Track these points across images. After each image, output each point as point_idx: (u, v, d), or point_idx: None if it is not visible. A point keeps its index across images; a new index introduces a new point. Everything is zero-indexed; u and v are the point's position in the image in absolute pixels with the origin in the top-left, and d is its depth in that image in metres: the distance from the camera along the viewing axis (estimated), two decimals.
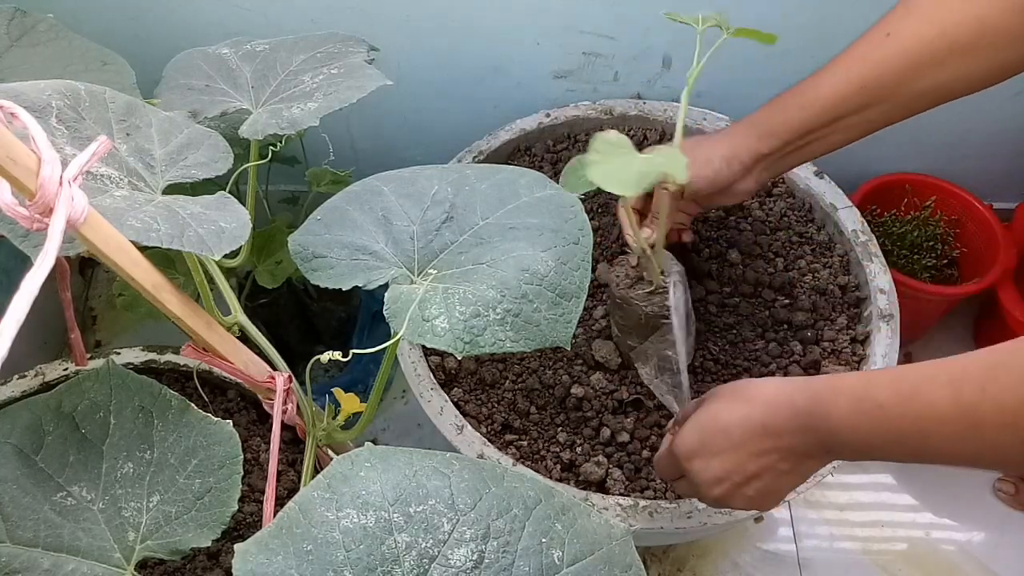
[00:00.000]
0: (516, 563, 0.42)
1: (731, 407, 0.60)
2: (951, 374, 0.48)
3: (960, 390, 0.47)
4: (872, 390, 0.52)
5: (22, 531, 0.52)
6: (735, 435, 0.58)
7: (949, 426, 0.47)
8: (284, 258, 0.94)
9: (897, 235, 1.17)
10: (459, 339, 0.50)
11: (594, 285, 0.91)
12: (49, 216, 0.35)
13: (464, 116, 1.11)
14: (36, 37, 0.70)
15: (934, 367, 0.50)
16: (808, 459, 0.58)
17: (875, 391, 0.51)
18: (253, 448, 0.78)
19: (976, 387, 0.46)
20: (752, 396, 0.59)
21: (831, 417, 0.53)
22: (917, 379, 0.50)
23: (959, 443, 0.48)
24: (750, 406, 0.58)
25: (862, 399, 0.52)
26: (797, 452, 0.57)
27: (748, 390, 0.60)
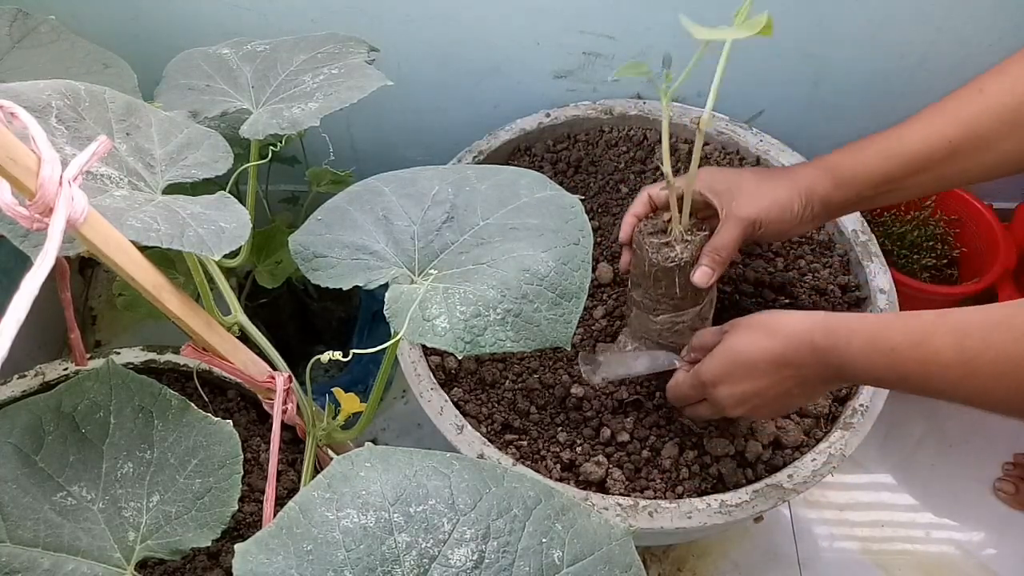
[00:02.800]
0: (516, 563, 0.42)
1: (755, 339, 0.66)
2: (957, 325, 0.54)
3: (964, 340, 0.53)
4: (885, 333, 0.58)
5: (22, 531, 0.52)
6: (760, 366, 0.65)
7: (951, 371, 0.53)
8: (284, 258, 0.94)
9: (897, 235, 1.17)
10: (460, 339, 0.50)
11: (594, 285, 0.91)
12: (49, 216, 0.35)
13: (464, 116, 1.11)
14: (38, 39, 0.70)
15: (942, 317, 0.55)
16: (821, 384, 0.66)
17: (888, 334, 0.57)
18: (253, 448, 0.78)
19: (979, 339, 0.52)
20: (775, 330, 0.65)
21: (846, 354, 0.60)
22: (926, 326, 0.55)
23: (958, 387, 0.54)
24: (773, 340, 0.65)
25: (875, 340, 0.58)
26: (812, 379, 0.64)
27: (771, 323, 0.66)
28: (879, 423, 0.78)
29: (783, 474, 0.74)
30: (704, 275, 0.73)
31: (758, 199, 0.73)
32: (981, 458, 1.13)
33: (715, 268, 0.73)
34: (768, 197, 0.73)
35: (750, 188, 0.74)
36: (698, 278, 0.73)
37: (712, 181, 0.76)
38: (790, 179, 0.74)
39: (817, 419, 0.80)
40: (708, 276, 0.73)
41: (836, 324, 0.61)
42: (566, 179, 1.01)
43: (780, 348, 0.64)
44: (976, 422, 1.17)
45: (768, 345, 0.65)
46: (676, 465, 0.78)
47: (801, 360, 0.63)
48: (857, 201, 0.74)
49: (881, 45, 0.98)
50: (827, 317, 0.63)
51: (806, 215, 0.74)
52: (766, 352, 0.65)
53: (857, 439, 0.76)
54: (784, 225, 0.74)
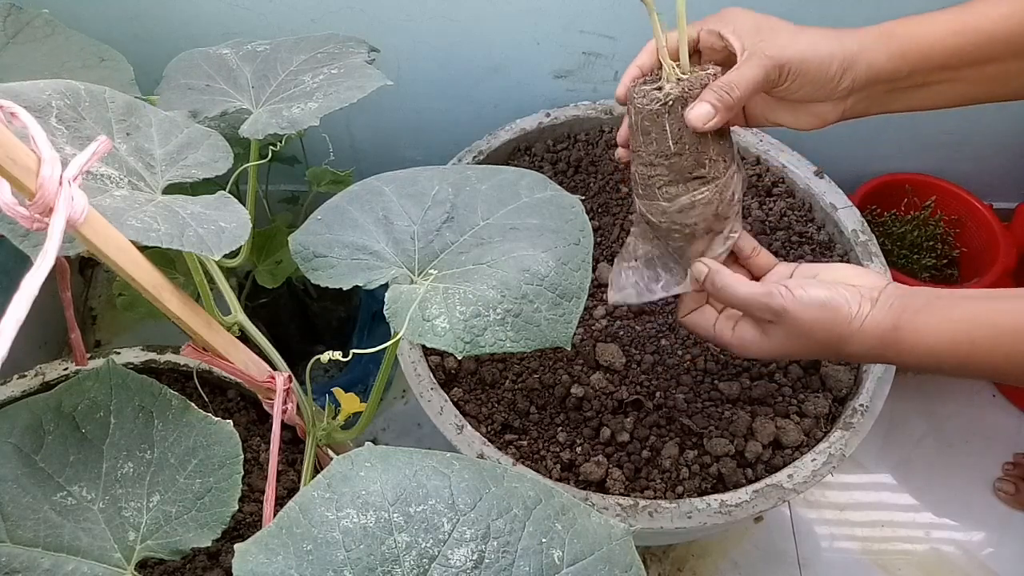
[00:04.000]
0: (516, 563, 0.42)
1: (815, 351, 0.61)
2: None
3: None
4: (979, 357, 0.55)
5: (22, 531, 0.52)
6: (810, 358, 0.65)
7: None
8: (284, 258, 0.94)
9: (897, 235, 1.17)
10: (459, 339, 0.50)
11: (594, 285, 0.91)
12: (49, 216, 0.35)
13: (464, 116, 1.11)
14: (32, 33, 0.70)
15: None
16: None
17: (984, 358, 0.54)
18: (253, 448, 0.78)
19: None
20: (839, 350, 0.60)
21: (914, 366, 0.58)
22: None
23: None
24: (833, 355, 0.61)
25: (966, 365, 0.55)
26: None
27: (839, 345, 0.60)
28: (879, 423, 0.78)
29: (783, 474, 0.74)
30: (702, 113, 0.58)
31: (793, 43, 0.60)
32: (981, 458, 1.13)
33: (719, 107, 0.58)
34: (805, 43, 0.60)
35: (785, 31, 0.61)
36: (693, 116, 0.58)
37: (738, 21, 0.63)
38: (836, 35, 0.62)
39: (817, 419, 0.80)
40: (707, 114, 0.58)
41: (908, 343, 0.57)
42: (566, 179, 1.01)
43: (837, 358, 0.62)
44: (976, 422, 1.17)
45: (825, 356, 0.62)
46: (676, 465, 0.78)
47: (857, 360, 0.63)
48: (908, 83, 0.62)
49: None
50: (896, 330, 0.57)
51: (844, 83, 0.61)
52: (820, 357, 0.64)
53: (857, 439, 0.76)
54: (815, 85, 0.61)
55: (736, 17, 0.63)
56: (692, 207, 0.63)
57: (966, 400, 1.20)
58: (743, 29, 0.62)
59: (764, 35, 0.61)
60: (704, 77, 0.60)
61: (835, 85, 0.61)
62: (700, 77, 0.60)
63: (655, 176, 0.62)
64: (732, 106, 0.58)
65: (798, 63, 0.60)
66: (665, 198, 0.63)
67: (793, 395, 0.82)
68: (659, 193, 0.63)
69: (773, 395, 0.82)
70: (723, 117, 0.59)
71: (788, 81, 0.61)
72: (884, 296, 0.59)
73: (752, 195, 0.99)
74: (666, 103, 0.59)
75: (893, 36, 0.61)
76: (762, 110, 0.67)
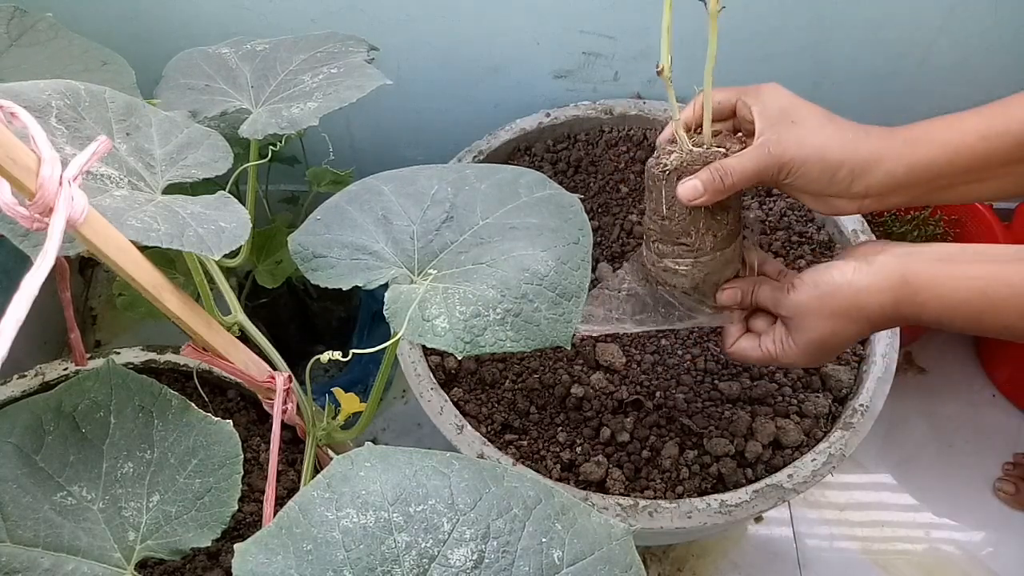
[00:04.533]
0: (516, 563, 0.42)
1: (840, 328, 0.61)
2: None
3: None
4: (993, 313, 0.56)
5: (22, 531, 0.52)
6: (845, 342, 0.63)
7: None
8: (284, 258, 0.94)
9: (897, 235, 1.17)
10: (459, 339, 0.50)
11: (594, 285, 0.91)
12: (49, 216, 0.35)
13: (464, 116, 1.11)
14: (35, 36, 0.70)
15: None
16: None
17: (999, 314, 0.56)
18: (253, 448, 0.78)
19: None
20: (858, 316, 0.60)
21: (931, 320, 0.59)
22: None
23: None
24: (859, 325, 0.61)
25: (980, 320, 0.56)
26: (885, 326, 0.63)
27: (852, 310, 0.60)
28: (879, 423, 0.78)
29: (783, 474, 0.74)
30: (691, 189, 0.60)
31: (804, 144, 0.60)
32: (981, 458, 1.13)
33: (708, 188, 0.60)
34: (817, 147, 0.60)
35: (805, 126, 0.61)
36: (681, 190, 0.61)
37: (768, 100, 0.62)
38: (855, 139, 0.60)
39: (817, 419, 0.80)
40: (695, 191, 0.60)
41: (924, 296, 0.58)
42: (566, 179, 1.01)
43: (868, 328, 0.61)
44: (976, 422, 1.17)
45: (855, 331, 0.61)
46: (676, 465, 0.78)
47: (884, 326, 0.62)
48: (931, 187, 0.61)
49: (881, 45, 0.98)
50: (914, 290, 0.58)
51: (856, 187, 0.61)
52: (852, 335, 0.61)
53: (857, 439, 0.76)
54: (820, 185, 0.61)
55: (769, 96, 0.63)
56: (674, 272, 0.66)
57: (966, 400, 1.20)
58: (770, 111, 0.62)
59: (783, 127, 0.61)
60: (713, 154, 0.61)
61: (844, 188, 0.61)
62: (708, 154, 0.61)
63: (651, 230, 0.67)
64: (721, 190, 0.60)
65: (799, 165, 0.60)
66: (655, 252, 0.67)
67: (793, 395, 0.82)
68: (652, 247, 0.67)
69: (773, 395, 0.82)
70: (711, 198, 0.60)
71: (789, 179, 0.62)
72: (884, 254, 0.60)
73: (752, 195, 0.99)
74: (664, 171, 0.62)
75: (918, 143, 0.60)
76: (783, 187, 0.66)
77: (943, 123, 0.61)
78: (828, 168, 0.60)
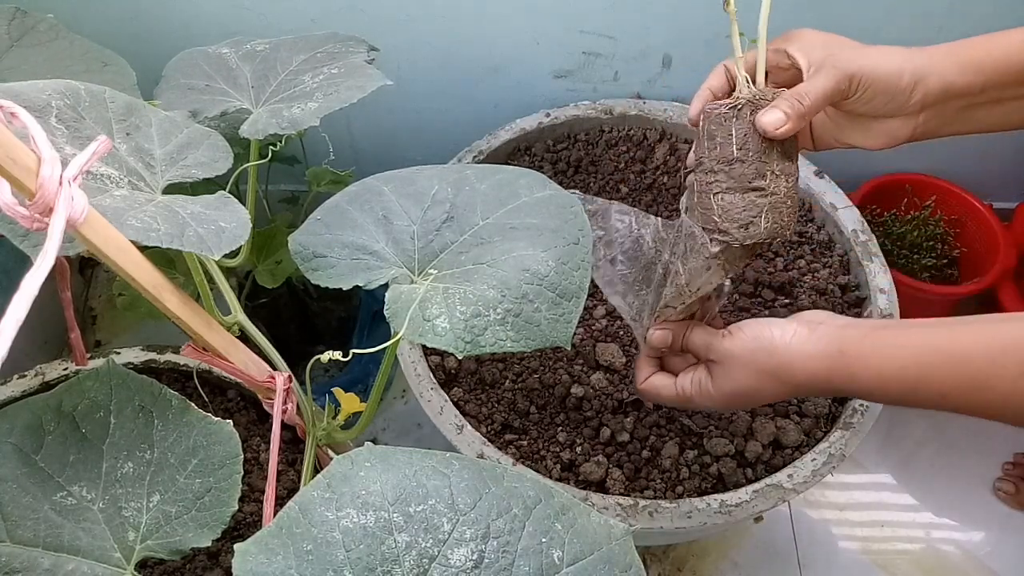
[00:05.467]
0: (516, 563, 0.42)
1: (762, 384, 0.61)
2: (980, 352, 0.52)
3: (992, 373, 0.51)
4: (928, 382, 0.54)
5: (22, 531, 0.52)
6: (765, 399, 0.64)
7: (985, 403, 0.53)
8: (284, 258, 0.94)
9: (897, 235, 1.17)
10: (460, 339, 0.50)
11: (594, 285, 0.91)
12: (49, 216, 0.35)
13: (464, 116, 1.11)
14: (37, 37, 0.71)
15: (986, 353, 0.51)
16: None
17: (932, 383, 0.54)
18: (253, 448, 0.78)
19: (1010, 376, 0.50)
20: (787, 378, 0.60)
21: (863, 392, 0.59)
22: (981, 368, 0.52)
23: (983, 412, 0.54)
24: (784, 388, 0.61)
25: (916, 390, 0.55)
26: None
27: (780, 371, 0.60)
28: (879, 423, 0.78)
29: (783, 474, 0.74)
30: (774, 119, 0.58)
31: (862, 56, 0.60)
32: (981, 458, 1.13)
33: (791, 114, 0.58)
34: (876, 56, 0.60)
35: (853, 46, 0.62)
36: (765, 120, 0.58)
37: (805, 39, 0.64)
38: (905, 50, 0.62)
39: (817, 419, 0.80)
40: (779, 120, 0.58)
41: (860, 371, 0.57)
42: (566, 179, 1.01)
43: (790, 392, 0.61)
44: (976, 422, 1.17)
45: (779, 390, 0.61)
46: (676, 465, 0.78)
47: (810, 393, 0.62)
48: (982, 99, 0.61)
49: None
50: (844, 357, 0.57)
51: (916, 96, 0.60)
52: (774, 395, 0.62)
53: (857, 439, 0.76)
54: (886, 96, 0.60)
55: (803, 36, 0.64)
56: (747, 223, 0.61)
57: None
58: (811, 46, 0.62)
59: (833, 50, 0.61)
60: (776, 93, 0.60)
61: (906, 98, 0.61)
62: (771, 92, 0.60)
63: (714, 182, 0.61)
64: (804, 114, 0.58)
65: (869, 73, 0.60)
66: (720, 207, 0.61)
67: None
68: (714, 199, 0.61)
69: None
70: (795, 125, 0.58)
71: (859, 92, 0.60)
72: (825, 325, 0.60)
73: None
74: (736, 106, 0.59)
75: (965, 50, 0.61)
76: (832, 131, 0.67)
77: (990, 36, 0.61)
78: (893, 74, 0.60)
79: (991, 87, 0.61)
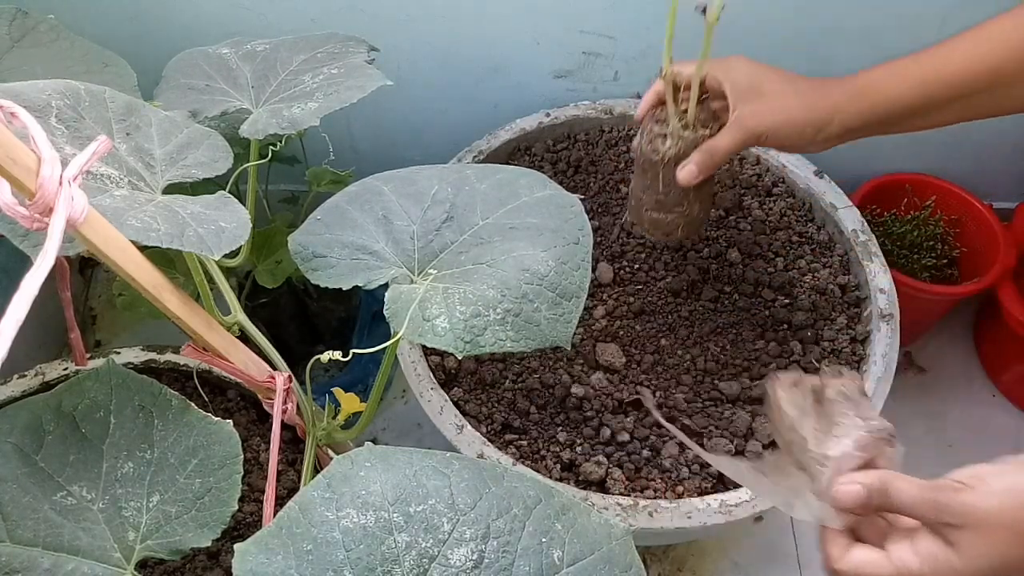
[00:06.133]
0: (516, 563, 0.42)
1: None
2: None
3: None
4: None
5: (22, 530, 0.52)
6: None
7: None
8: (284, 258, 0.94)
9: (897, 235, 1.17)
10: (460, 339, 0.50)
11: (594, 285, 0.91)
12: (49, 216, 0.35)
13: (464, 116, 1.11)
14: (37, 38, 0.71)
15: None
16: None
17: None
18: (253, 448, 0.78)
19: None
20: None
21: None
22: None
23: None
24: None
25: None
26: None
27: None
28: None
29: None
30: (689, 173, 0.72)
31: (773, 113, 0.69)
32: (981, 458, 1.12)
33: (703, 169, 0.72)
34: (784, 113, 0.69)
35: (770, 96, 0.70)
36: (683, 176, 0.72)
37: (736, 75, 0.71)
38: (814, 99, 0.69)
39: None
40: (693, 175, 0.72)
41: None
42: (566, 179, 1.01)
43: None
44: (976, 422, 1.17)
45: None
46: (676, 465, 0.78)
47: None
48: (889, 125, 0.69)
49: (881, 45, 0.98)
50: None
51: (819, 138, 0.70)
52: None
53: None
54: (791, 144, 0.72)
55: (736, 72, 0.72)
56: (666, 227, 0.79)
57: (966, 400, 1.19)
58: (739, 86, 0.71)
59: (753, 100, 0.70)
60: (700, 138, 0.72)
61: (810, 140, 0.71)
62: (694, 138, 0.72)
63: (644, 201, 0.79)
64: (713, 167, 0.72)
65: (773, 132, 0.70)
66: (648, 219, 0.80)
67: None
68: (645, 214, 0.80)
69: None
70: (705, 175, 0.72)
71: (768, 141, 0.71)
72: None
73: (752, 195, 0.99)
74: (662, 158, 0.73)
75: (865, 94, 0.68)
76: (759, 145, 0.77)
77: (886, 72, 0.68)
78: (796, 129, 0.69)
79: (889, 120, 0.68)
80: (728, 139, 0.71)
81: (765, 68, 0.72)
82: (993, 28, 0.64)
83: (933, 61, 0.66)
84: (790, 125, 0.69)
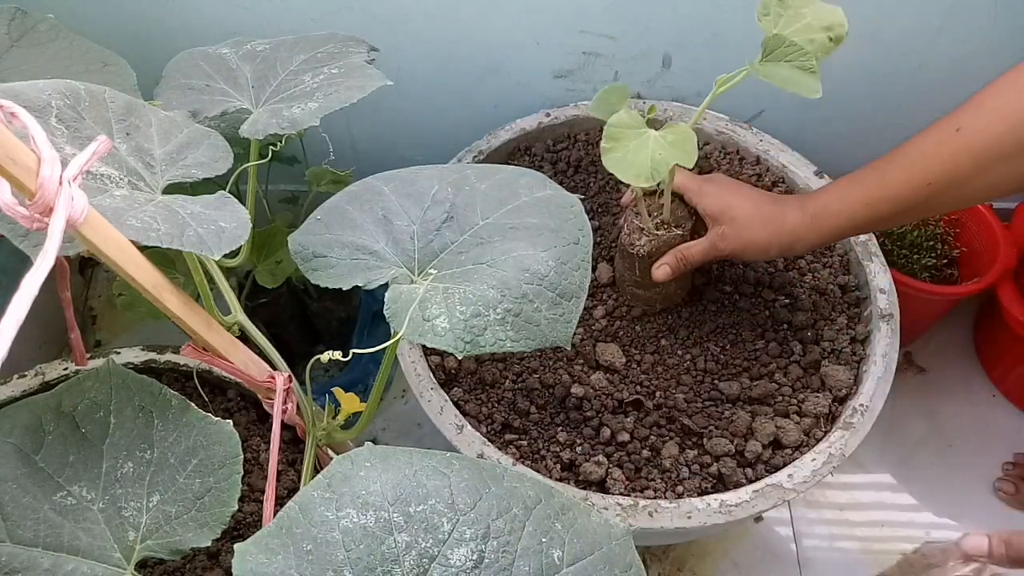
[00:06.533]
0: (516, 563, 0.42)
1: None
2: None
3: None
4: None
5: (22, 531, 0.52)
6: None
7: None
8: (284, 258, 0.94)
9: (897, 235, 1.17)
10: (460, 339, 0.50)
11: (594, 285, 0.91)
12: (49, 216, 0.35)
13: (464, 116, 1.11)
14: (37, 37, 0.70)
15: None
16: None
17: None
18: (253, 448, 0.78)
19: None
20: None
21: None
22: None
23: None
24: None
25: None
26: None
27: None
28: (879, 423, 0.78)
29: (783, 474, 0.74)
30: (663, 273, 0.81)
31: (740, 240, 0.78)
32: (981, 458, 1.13)
33: (675, 270, 0.80)
34: (751, 241, 0.78)
35: (739, 222, 0.78)
36: (657, 275, 0.81)
37: (708, 201, 0.80)
38: (776, 226, 0.78)
39: (817, 419, 0.80)
40: (667, 275, 0.80)
41: None
42: (566, 179, 1.01)
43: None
44: (976, 422, 1.17)
45: None
46: (676, 465, 0.78)
47: None
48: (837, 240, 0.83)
49: (881, 45, 0.98)
50: None
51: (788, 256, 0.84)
52: None
53: (857, 439, 0.76)
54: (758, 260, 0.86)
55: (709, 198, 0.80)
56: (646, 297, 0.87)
57: (966, 400, 1.20)
58: (711, 211, 0.80)
59: (724, 224, 0.79)
60: (672, 238, 0.80)
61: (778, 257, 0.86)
62: (668, 238, 0.80)
63: (627, 279, 0.87)
64: (683, 270, 0.81)
65: (740, 253, 0.80)
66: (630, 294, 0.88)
67: (793, 395, 0.82)
68: (626, 289, 0.88)
69: (773, 395, 0.82)
70: (677, 274, 0.81)
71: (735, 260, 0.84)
72: None
73: None
74: (639, 254, 0.81)
75: (820, 218, 0.76)
76: None
77: (834, 196, 0.76)
78: (760, 251, 0.79)
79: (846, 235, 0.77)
80: (700, 253, 0.80)
81: (738, 192, 0.80)
82: (927, 141, 0.69)
83: (874, 184, 0.72)
84: (755, 247, 0.79)
